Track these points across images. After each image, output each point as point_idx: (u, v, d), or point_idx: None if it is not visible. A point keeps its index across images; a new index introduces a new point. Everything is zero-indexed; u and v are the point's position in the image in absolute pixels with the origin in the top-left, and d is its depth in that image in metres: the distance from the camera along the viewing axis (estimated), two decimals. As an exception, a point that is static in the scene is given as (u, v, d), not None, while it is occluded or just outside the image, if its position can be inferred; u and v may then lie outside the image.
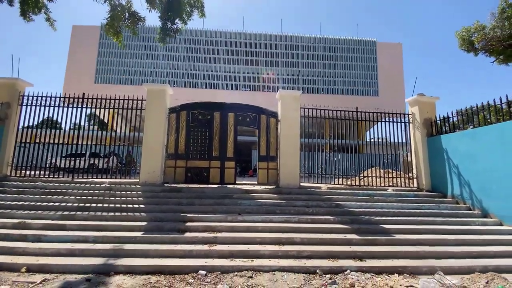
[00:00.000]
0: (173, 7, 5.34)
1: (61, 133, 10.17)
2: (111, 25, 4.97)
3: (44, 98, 7.94)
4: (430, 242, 4.95)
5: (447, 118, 7.59)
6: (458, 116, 7.29)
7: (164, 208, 5.81)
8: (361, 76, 42.57)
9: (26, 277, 3.51)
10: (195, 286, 3.36)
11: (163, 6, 5.02)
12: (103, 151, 14.20)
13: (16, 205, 5.63)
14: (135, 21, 5.09)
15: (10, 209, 5.46)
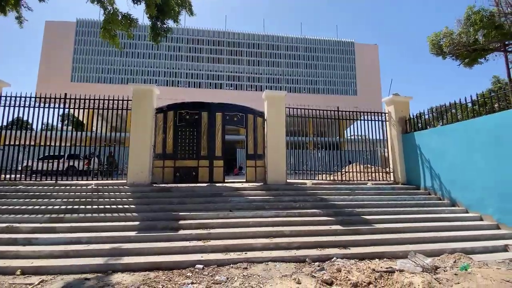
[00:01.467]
0: (163, 7, 5.41)
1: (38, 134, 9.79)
2: (107, 29, 4.96)
3: (23, 98, 7.66)
4: (406, 230, 5.45)
5: (419, 116, 8.23)
6: (430, 114, 7.95)
7: (155, 208, 5.89)
8: (340, 76, 43.98)
9: (23, 279, 3.52)
10: (194, 279, 3.54)
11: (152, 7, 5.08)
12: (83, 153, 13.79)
13: (0, 209, 5.47)
14: (128, 24, 5.10)
15: (-7, 214, 5.30)
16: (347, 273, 3.67)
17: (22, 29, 6.49)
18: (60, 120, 30.95)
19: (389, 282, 3.31)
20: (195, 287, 3.25)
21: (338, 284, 3.44)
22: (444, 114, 7.49)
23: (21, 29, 6.75)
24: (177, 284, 3.36)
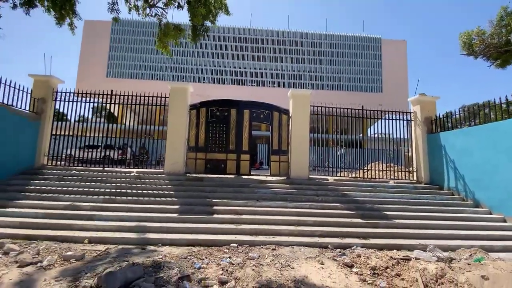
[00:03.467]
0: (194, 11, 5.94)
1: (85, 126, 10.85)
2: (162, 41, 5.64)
3: (75, 94, 8.67)
4: (426, 226, 5.69)
5: (448, 115, 8.23)
6: (462, 113, 7.87)
7: (191, 195, 6.58)
8: (365, 72, 42.90)
9: (91, 247, 4.30)
10: (231, 254, 4.13)
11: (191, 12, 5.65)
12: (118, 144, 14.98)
13: (61, 190, 6.41)
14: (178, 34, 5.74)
15: (57, 194, 6.23)
16: (366, 258, 4.08)
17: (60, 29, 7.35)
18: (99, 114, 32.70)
19: (405, 268, 3.68)
20: (233, 260, 3.82)
21: (357, 267, 3.86)
22: (476, 114, 7.40)
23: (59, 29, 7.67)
24: (217, 257, 3.95)
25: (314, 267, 3.78)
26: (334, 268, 3.81)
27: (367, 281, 3.43)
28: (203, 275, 3.25)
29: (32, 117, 7.93)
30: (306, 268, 3.74)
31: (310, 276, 3.48)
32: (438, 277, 3.26)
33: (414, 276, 3.39)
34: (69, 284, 2.92)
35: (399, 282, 3.40)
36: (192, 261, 3.69)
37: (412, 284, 3.29)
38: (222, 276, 3.21)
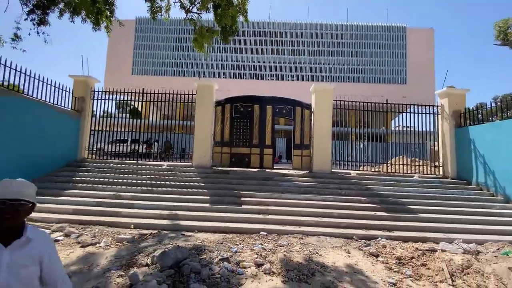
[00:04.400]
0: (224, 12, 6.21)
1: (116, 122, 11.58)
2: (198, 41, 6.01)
3: (110, 93, 9.33)
4: (452, 221, 5.71)
5: (476, 109, 8.00)
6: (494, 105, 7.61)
7: (219, 186, 6.99)
8: (388, 63, 41.36)
9: (137, 232, 4.81)
10: (261, 241, 4.46)
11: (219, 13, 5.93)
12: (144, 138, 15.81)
13: (104, 181, 7.05)
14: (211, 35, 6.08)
15: (101, 184, 6.88)
16: (392, 249, 4.26)
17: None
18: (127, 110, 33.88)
19: (431, 258, 3.83)
20: (265, 246, 4.15)
21: (383, 257, 4.05)
22: (510, 107, 7.13)
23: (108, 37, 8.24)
24: (250, 243, 4.31)
25: (341, 255, 4.03)
26: (360, 257, 4.03)
27: (392, 269, 3.64)
28: (240, 258, 3.61)
29: (74, 114, 8.68)
30: (333, 256, 4.00)
31: (338, 263, 3.73)
32: (464, 267, 3.40)
33: (440, 266, 3.54)
34: (127, 262, 3.38)
35: (424, 271, 3.57)
36: (228, 246, 4.07)
37: (437, 273, 3.46)
38: (257, 259, 3.55)
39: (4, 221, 1.08)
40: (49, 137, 7.58)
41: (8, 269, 1.06)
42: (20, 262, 1.10)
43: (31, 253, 1.14)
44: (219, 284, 2.91)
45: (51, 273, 1.21)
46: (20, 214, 1.11)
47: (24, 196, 1.12)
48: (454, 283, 3.21)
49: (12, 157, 6.38)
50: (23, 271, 1.10)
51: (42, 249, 1.19)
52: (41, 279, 1.17)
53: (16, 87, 6.91)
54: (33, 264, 1.14)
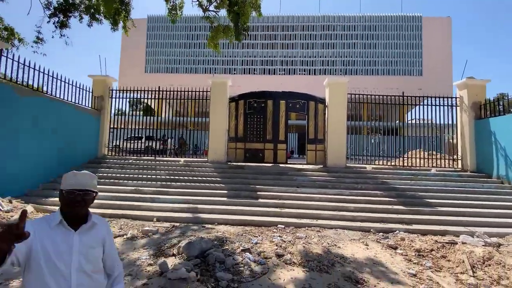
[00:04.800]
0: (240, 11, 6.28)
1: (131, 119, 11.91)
2: (213, 40, 6.13)
3: (128, 92, 9.62)
4: (471, 214, 5.63)
5: (497, 100, 7.75)
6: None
7: (235, 181, 7.14)
8: (403, 55, 40.11)
9: (160, 224, 5.02)
10: (280, 233, 4.58)
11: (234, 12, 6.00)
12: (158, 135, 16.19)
13: (125, 176, 7.35)
14: (227, 33, 6.17)
15: (122, 180, 7.17)
16: (411, 242, 4.28)
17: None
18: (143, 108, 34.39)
19: (451, 250, 3.82)
20: (283, 238, 4.26)
21: (402, 249, 4.08)
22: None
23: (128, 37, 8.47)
24: (268, 235, 4.43)
25: (359, 248, 4.08)
26: (378, 249, 4.08)
27: (412, 261, 3.67)
28: (260, 249, 3.73)
29: (94, 113, 9.02)
30: (352, 248, 4.06)
31: (357, 254, 3.80)
32: (485, 259, 3.39)
33: (460, 258, 3.54)
34: (155, 252, 3.58)
35: (445, 263, 3.58)
36: (248, 238, 4.21)
37: (458, 265, 3.46)
38: (278, 250, 3.67)
39: (74, 209, 1.21)
40: (73, 135, 7.93)
41: (79, 250, 1.20)
42: (88, 244, 1.24)
43: (96, 236, 1.29)
44: (243, 273, 3.04)
45: (110, 255, 1.36)
46: (87, 203, 1.25)
47: (90, 186, 1.25)
48: (475, 274, 3.21)
49: (40, 155, 6.75)
50: (91, 252, 1.24)
51: (104, 232, 1.34)
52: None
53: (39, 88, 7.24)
54: (98, 245, 1.29)
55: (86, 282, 1.21)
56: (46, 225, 1.20)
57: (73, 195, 1.20)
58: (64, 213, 1.23)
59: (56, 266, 1.14)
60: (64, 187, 1.22)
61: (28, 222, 1.15)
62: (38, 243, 1.14)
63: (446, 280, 3.16)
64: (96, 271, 1.27)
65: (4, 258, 0.97)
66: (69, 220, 1.22)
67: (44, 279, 1.12)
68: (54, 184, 6.82)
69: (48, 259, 1.14)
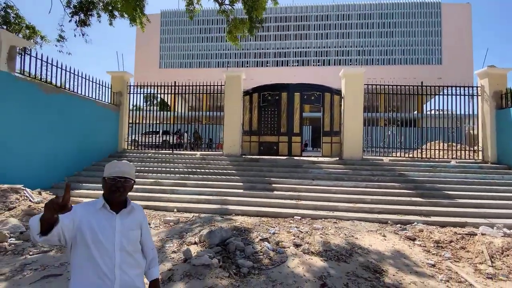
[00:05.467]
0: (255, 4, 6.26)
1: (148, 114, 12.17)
2: (232, 34, 6.20)
3: (144, 87, 9.87)
4: (492, 206, 5.50)
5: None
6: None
7: (251, 174, 7.26)
8: (421, 43, 38.44)
9: (180, 214, 5.23)
10: (296, 224, 4.66)
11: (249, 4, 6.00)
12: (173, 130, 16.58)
13: (145, 169, 7.63)
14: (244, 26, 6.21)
15: (143, 173, 7.45)
16: (429, 233, 4.26)
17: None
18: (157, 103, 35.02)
19: (470, 242, 3.79)
20: (300, 229, 4.35)
21: (420, 240, 4.07)
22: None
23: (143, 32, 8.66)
24: (285, 226, 4.53)
25: (377, 239, 4.11)
26: (396, 240, 4.09)
27: (431, 251, 3.67)
28: (278, 239, 3.84)
29: (113, 108, 9.33)
30: (369, 239, 4.09)
31: (374, 245, 3.83)
32: (504, 249, 3.35)
33: (479, 248, 3.51)
34: (177, 240, 3.76)
35: (464, 254, 3.56)
36: (266, 228, 4.32)
37: (477, 255, 3.44)
38: (295, 240, 3.76)
39: (115, 194, 1.34)
40: (94, 130, 8.27)
41: (121, 231, 1.33)
42: (129, 226, 1.37)
43: (134, 219, 1.41)
44: (263, 261, 3.16)
45: (146, 238, 1.49)
46: (126, 189, 1.37)
47: (130, 175, 1.38)
48: (493, 264, 3.19)
49: (64, 149, 7.11)
50: (131, 234, 1.37)
51: (141, 216, 1.48)
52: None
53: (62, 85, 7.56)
54: (137, 228, 1.42)
55: (128, 260, 1.33)
56: (92, 208, 1.33)
57: (114, 182, 1.32)
58: (107, 198, 1.36)
59: (102, 244, 1.26)
60: (107, 174, 1.34)
61: (76, 205, 1.29)
62: (86, 223, 1.26)
63: (465, 270, 3.15)
64: (136, 251, 1.39)
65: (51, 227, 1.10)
66: (111, 205, 1.35)
67: (91, 255, 1.24)
68: (78, 177, 7.20)
69: (95, 237, 1.26)
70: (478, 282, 2.91)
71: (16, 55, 6.08)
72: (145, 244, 1.49)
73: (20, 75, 6.16)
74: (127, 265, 1.32)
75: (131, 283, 1.32)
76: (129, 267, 1.33)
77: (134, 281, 1.34)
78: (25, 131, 6.06)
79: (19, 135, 5.94)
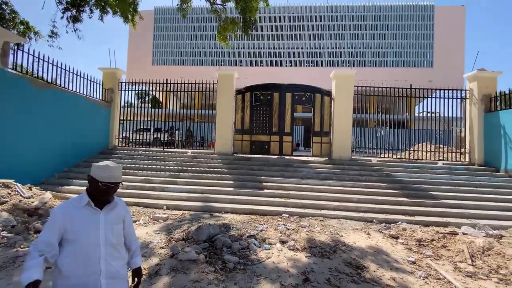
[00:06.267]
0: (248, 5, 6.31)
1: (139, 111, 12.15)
2: (222, 34, 6.21)
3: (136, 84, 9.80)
4: (475, 207, 5.67)
5: (510, 92, 7.62)
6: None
7: (242, 172, 7.31)
8: (413, 46, 39.11)
9: (169, 212, 5.25)
10: (284, 222, 4.74)
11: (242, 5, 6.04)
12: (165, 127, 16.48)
13: (135, 167, 7.59)
14: (235, 26, 6.24)
15: (133, 170, 7.41)
16: (412, 232, 4.38)
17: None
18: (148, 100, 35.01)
19: (451, 241, 3.92)
20: (287, 226, 4.43)
21: (403, 239, 4.19)
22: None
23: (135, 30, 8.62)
24: (273, 224, 4.59)
25: (361, 237, 4.21)
26: (380, 238, 4.20)
27: (412, 249, 3.78)
28: (265, 236, 3.90)
29: (104, 105, 9.25)
30: (354, 237, 4.19)
31: (358, 243, 3.93)
32: (485, 249, 3.48)
33: (460, 247, 3.64)
34: (166, 236, 3.79)
35: (444, 252, 3.69)
36: (254, 225, 4.38)
37: (458, 254, 3.56)
38: (282, 237, 3.83)
39: (107, 196, 1.42)
40: (85, 126, 8.19)
41: (105, 226, 1.40)
42: (112, 220, 1.44)
43: (118, 214, 1.49)
44: (249, 257, 3.22)
45: (129, 231, 1.57)
46: (115, 191, 1.46)
47: (120, 179, 1.46)
48: (474, 264, 3.31)
49: (55, 145, 7.03)
50: (115, 227, 1.44)
51: (124, 211, 1.55)
52: None
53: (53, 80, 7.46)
54: (120, 222, 1.49)
55: (112, 253, 1.40)
56: (73, 208, 1.39)
57: (107, 187, 1.39)
58: (93, 196, 1.42)
59: (87, 240, 1.34)
60: (99, 178, 1.38)
61: (58, 210, 1.36)
62: (69, 223, 1.33)
63: (444, 267, 3.27)
64: (119, 244, 1.47)
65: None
66: (95, 202, 1.41)
67: (77, 250, 1.32)
68: (68, 173, 7.13)
69: (80, 234, 1.34)
70: (456, 280, 3.01)
71: (10, 50, 5.99)
72: (128, 237, 1.57)
73: (13, 71, 6.08)
74: (111, 258, 1.39)
75: (116, 274, 1.40)
76: (113, 259, 1.41)
77: (118, 271, 1.42)
78: (16, 126, 5.98)
79: (11, 130, 5.87)
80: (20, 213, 4.19)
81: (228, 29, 6.16)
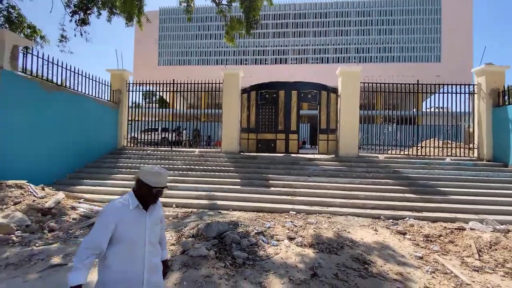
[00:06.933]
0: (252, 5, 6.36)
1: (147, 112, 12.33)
2: (229, 34, 6.30)
3: (143, 85, 9.96)
4: (483, 202, 5.63)
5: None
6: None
7: (248, 170, 7.39)
8: (420, 40, 38.45)
9: (179, 210, 5.37)
10: (291, 219, 4.80)
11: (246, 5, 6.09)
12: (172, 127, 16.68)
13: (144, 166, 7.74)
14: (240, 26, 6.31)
15: (142, 169, 7.57)
16: (420, 228, 4.40)
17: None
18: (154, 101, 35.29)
19: (459, 236, 3.93)
20: (295, 223, 4.49)
21: (410, 235, 4.22)
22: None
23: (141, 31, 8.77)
24: (281, 221, 4.67)
25: (369, 233, 4.25)
26: (387, 234, 4.23)
27: (420, 245, 3.81)
28: (273, 233, 3.98)
29: (112, 106, 9.44)
30: (361, 233, 4.23)
31: (366, 239, 3.97)
32: (492, 244, 3.49)
33: (467, 242, 3.65)
34: (176, 234, 3.90)
35: (452, 247, 3.70)
36: (262, 222, 4.46)
37: (465, 249, 3.58)
38: (289, 234, 3.90)
39: (156, 199, 1.56)
40: (94, 127, 8.39)
41: (150, 228, 1.53)
42: (154, 221, 1.58)
43: (158, 215, 1.63)
44: (258, 253, 3.30)
45: (163, 228, 1.74)
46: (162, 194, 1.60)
47: (167, 182, 1.59)
48: (480, 258, 3.32)
49: (65, 146, 7.23)
50: (156, 228, 1.59)
51: (161, 212, 1.69)
52: None
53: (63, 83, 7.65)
54: (158, 223, 1.63)
55: (152, 251, 1.56)
56: (123, 210, 1.50)
57: (157, 191, 1.53)
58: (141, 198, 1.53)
59: (136, 239, 1.48)
60: (153, 184, 1.51)
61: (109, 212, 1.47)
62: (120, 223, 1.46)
63: (451, 262, 3.29)
64: (157, 242, 1.63)
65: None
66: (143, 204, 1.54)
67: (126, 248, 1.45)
68: (79, 173, 7.33)
69: (130, 234, 1.47)
70: (463, 274, 3.04)
71: (19, 54, 6.17)
72: (162, 234, 1.72)
73: (22, 74, 6.26)
74: (152, 255, 1.54)
75: (155, 268, 1.56)
76: (153, 256, 1.56)
77: (157, 266, 1.59)
78: (28, 128, 6.18)
79: (22, 132, 6.06)
80: (34, 213, 4.35)
81: (235, 29, 6.23)
